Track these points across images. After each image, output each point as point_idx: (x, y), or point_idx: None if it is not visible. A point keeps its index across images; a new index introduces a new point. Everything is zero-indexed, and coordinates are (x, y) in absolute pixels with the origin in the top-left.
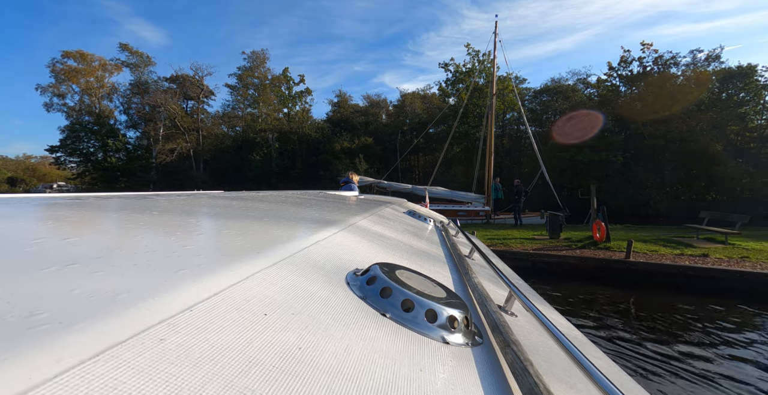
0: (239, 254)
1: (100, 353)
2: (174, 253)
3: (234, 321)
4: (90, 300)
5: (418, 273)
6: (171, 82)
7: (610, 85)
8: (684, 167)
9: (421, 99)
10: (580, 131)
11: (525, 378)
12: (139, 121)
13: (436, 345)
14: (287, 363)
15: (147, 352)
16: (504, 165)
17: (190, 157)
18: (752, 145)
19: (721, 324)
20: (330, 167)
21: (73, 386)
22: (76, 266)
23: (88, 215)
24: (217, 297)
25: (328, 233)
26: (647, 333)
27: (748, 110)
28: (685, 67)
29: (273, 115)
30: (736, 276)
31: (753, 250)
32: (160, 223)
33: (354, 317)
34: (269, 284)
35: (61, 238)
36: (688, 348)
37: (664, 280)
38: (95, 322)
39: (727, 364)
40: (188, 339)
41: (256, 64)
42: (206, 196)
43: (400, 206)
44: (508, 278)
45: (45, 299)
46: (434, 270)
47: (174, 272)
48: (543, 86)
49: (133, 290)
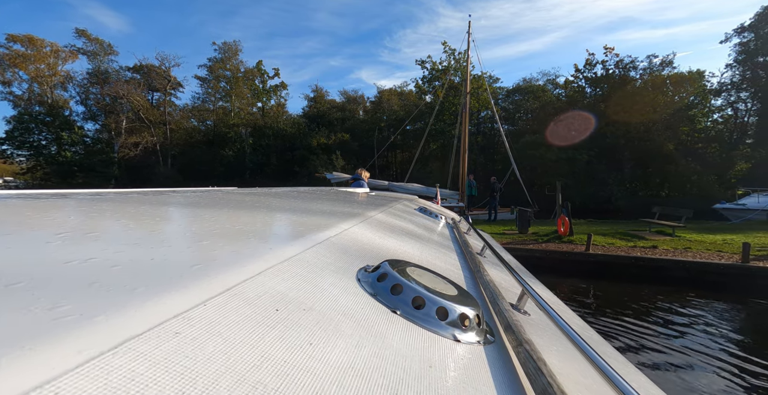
0: (251, 249)
1: (118, 345)
2: (189, 248)
3: (246, 316)
4: (109, 294)
5: (429, 270)
6: (134, 73)
7: (577, 86)
8: (641, 165)
9: (398, 96)
10: (573, 132)
11: (538, 378)
12: (99, 113)
13: (447, 343)
14: (299, 359)
15: (163, 345)
16: (478, 162)
17: (157, 151)
18: (699, 145)
19: (668, 306)
20: (306, 163)
21: (93, 377)
22: (96, 261)
23: (108, 211)
24: (230, 292)
25: (339, 230)
26: (603, 317)
27: (697, 112)
28: (642, 72)
29: (246, 109)
30: (680, 265)
31: (694, 241)
32: (175, 218)
33: (364, 313)
34: (281, 280)
35: (83, 233)
36: (640, 328)
37: (620, 270)
38: (114, 315)
39: (673, 341)
40: (202, 333)
41: (228, 56)
42: (220, 192)
43: (411, 203)
44: (521, 276)
45: (67, 291)
46: (445, 268)
47: (189, 267)
48: (515, 86)
49: (150, 285)
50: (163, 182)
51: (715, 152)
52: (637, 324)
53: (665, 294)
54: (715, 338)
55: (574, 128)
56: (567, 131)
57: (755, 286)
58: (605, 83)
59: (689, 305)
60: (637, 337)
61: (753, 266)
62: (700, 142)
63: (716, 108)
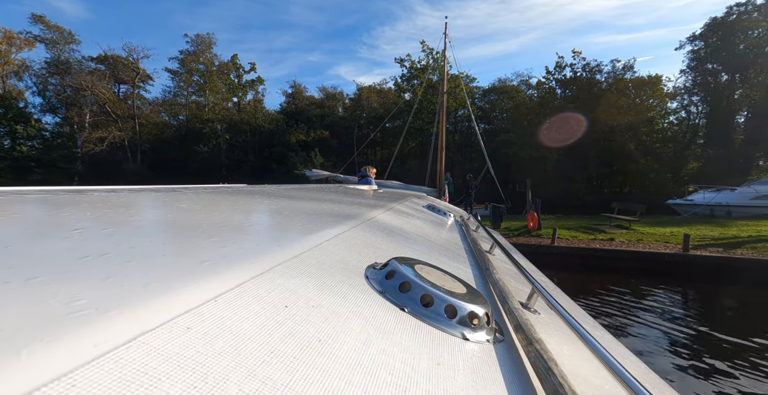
0: (261, 246)
1: (132, 339)
2: (199, 245)
3: (256, 312)
4: (123, 289)
5: (437, 268)
6: (99, 63)
7: (548, 87)
8: (606, 163)
9: (377, 93)
10: (564, 134)
11: (549, 378)
12: (59, 105)
13: (456, 342)
14: (307, 355)
15: (175, 340)
16: (455, 160)
17: (125, 147)
18: (657, 145)
19: (621, 291)
20: (285, 160)
21: (108, 370)
22: (110, 256)
23: (121, 207)
24: (240, 288)
25: (348, 227)
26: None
27: (655, 114)
28: (607, 75)
29: (221, 104)
30: (632, 255)
31: (647, 234)
32: (186, 215)
33: (372, 311)
34: (290, 277)
35: (98, 229)
36: (597, 312)
37: (581, 261)
38: (128, 310)
39: (628, 321)
40: (213, 329)
41: (201, 49)
42: (230, 189)
43: (420, 200)
44: (531, 275)
45: (83, 286)
46: (454, 265)
47: (199, 264)
48: (491, 86)
49: (162, 280)
50: (132, 179)
51: (671, 151)
52: (596, 309)
53: (619, 281)
54: (662, 316)
55: (565, 130)
56: (558, 134)
57: (694, 272)
58: (574, 85)
59: (639, 290)
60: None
61: (692, 254)
62: (658, 142)
63: (672, 110)
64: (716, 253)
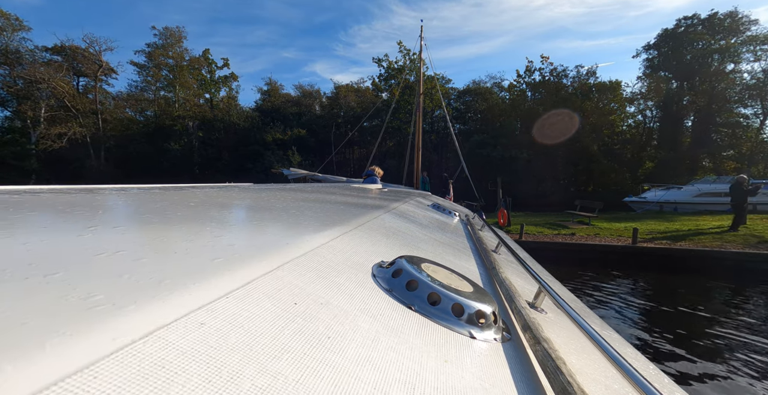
0: (270, 244)
1: (148, 334)
2: (210, 243)
3: (266, 309)
4: (138, 285)
5: (444, 267)
6: (54, 54)
7: (519, 90)
8: (572, 163)
9: (355, 92)
10: (557, 132)
11: (557, 377)
12: (9, 98)
13: (463, 340)
14: (317, 351)
15: (189, 335)
16: (432, 159)
17: (87, 144)
18: (617, 147)
19: (582, 280)
20: (261, 159)
21: (126, 363)
22: (125, 253)
23: (132, 206)
24: (251, 285)
25: (354, 226)
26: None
27: (615, 117)
28: (572, 79)
29: (193, 100)
30: (590, 248)
31: (604, 229)
32: (196, 213)
33: (380, 309)
34: (299, 275)
35: (111, 226)
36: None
37: (545, 255)
38: (144, 305)
39: (587, 304)
40: (225, 325)
41: (170, 43)
42: (238, 188)
43: (425, 199)
44: (537, 274)
45: (99, 282)
46: (460, 264)
47: (211, 261)
48: (465, 87)
49: (175, 277)
50: (96, 178)
51: (629, 152)
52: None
53: (579, 272)
54: (617, 301)
55: (557, 128)
56: (549, 132)
57: (641, 262)
58: (543, 88)
59: (596, 278)
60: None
61: (639, 246)
62: (618, 144)
63: (630, 114)
64: (661, 245)
